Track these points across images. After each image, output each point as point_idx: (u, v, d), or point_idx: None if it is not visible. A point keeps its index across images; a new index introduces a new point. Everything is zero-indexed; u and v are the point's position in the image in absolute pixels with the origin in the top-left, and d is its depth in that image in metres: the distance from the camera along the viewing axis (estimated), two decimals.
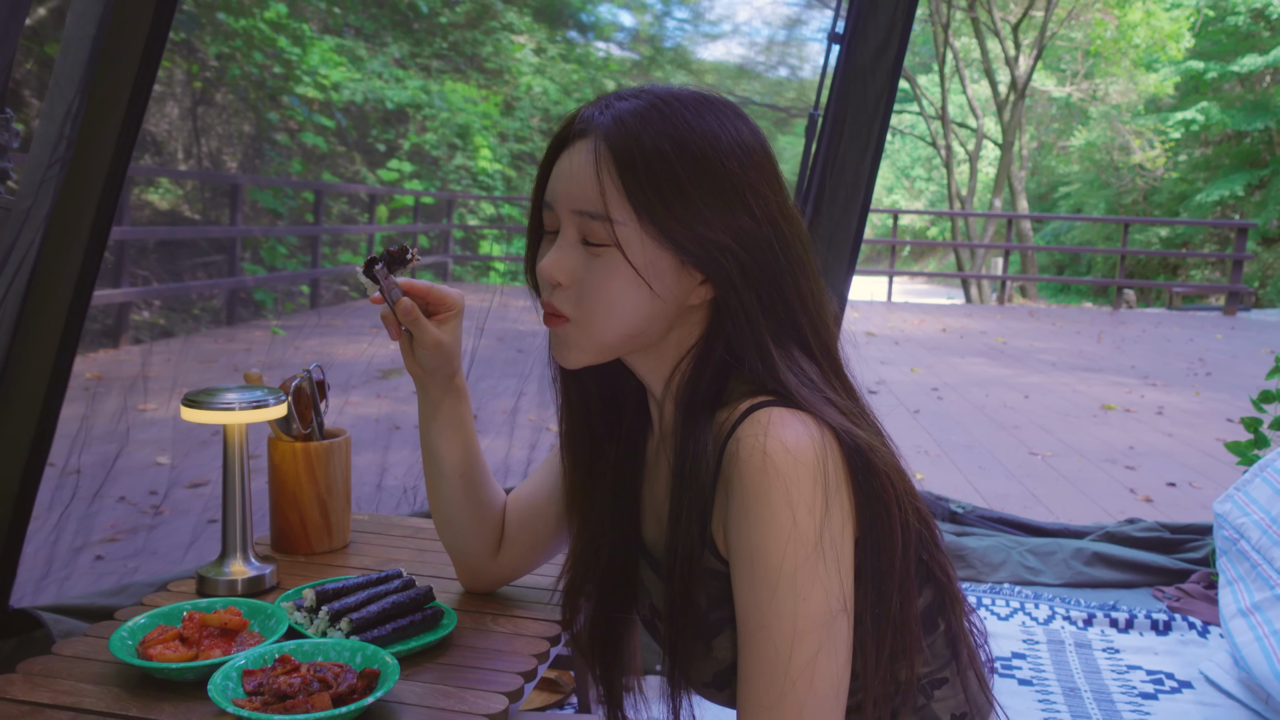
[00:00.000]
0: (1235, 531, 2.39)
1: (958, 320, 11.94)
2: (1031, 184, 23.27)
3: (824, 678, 0.83)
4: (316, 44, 12.51)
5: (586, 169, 0.89)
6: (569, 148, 0.92)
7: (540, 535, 1.19)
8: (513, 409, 5.04)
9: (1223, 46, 18.46)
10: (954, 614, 0.96)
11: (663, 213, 0.88)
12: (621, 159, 0.88)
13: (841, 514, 0.85)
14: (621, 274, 0.90)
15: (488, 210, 16.31)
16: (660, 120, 0.89)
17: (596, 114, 0.91)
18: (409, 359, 1.10)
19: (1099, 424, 5.82)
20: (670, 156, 0.88)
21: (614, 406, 1.06)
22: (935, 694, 0.96)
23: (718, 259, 0.89)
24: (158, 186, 11.24)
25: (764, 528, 0.83)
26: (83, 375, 5.52)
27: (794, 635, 0.82)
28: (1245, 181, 18.32)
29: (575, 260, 0.92)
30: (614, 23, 18.05)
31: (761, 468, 0.83)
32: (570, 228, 0.92)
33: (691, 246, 0.89)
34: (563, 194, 0.91)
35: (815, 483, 0.83)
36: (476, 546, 1.20)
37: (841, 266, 2.59)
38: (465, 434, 1.15)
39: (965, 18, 19.25)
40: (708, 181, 0.88)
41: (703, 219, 0.88)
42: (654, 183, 0.88)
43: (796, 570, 0.82)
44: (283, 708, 0.93)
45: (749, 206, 0.90)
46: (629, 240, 0.89)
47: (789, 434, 0.84)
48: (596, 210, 0.89)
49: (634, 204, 0.88)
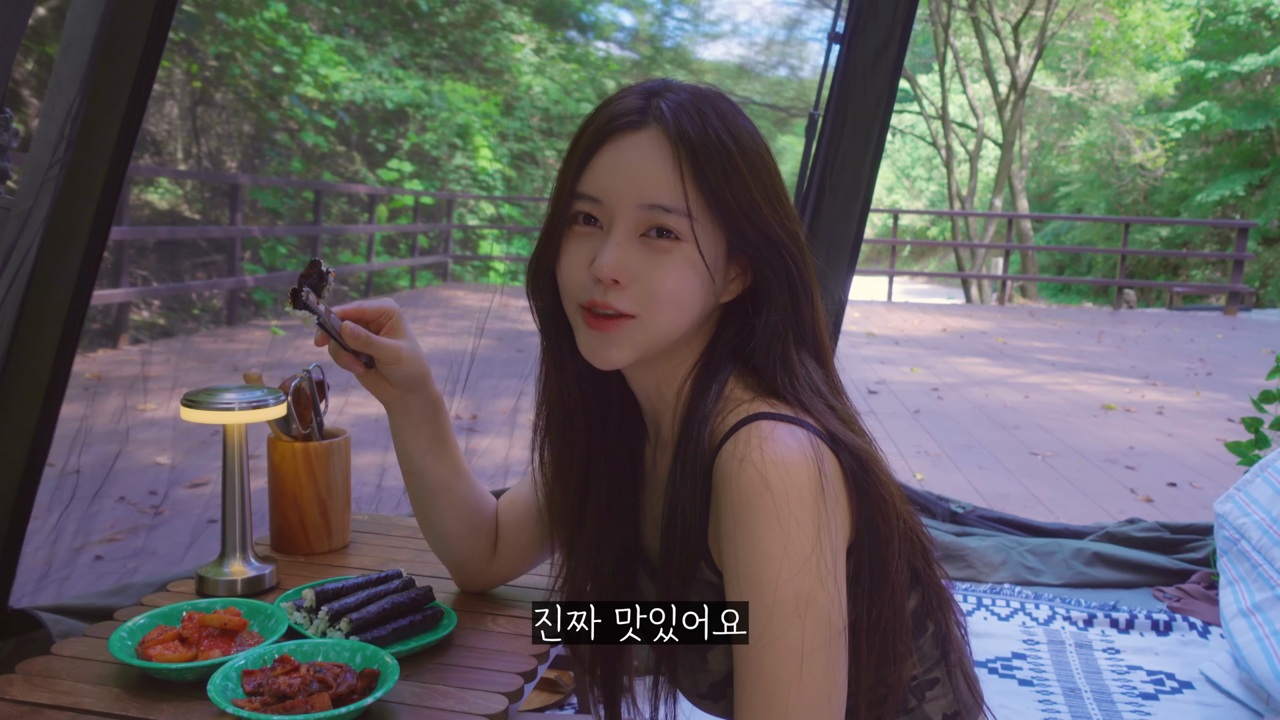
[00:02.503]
0: (1236, 532, 2.39)
1: (958, 320, 11.94)
2: (1032, 184, 23.27)
3: (824, 695, 0.82)
4: (316, 44, 12.51)
5: (660, 161, 0.87)
6: (618, 140, 0.88)
7: (537, 536, 1.18)
8: (513, 409, 5.04)
9: (1223, 46, 18.46)
10: (943, 615, 0.96)
11: (731, 204, 0.88)
12: (694, 151, 0.87)
13: (838, 527, 0.85)
14: (693, 268, 0.88)
15: (488, 210, 16.31)
16: (716, 115, 0.89)
17: (654, 106, 0.89)
18: (380, 387, 1.07)
19: (1099, 424, 5.82)
20: (732, 150, 0.88)
21: (600, 415, 1.03)
22: (927, 695, 0.96)
23: (773, 250, 0.90)
24: (157, 186, 11.24)
25: (758, 546, 0.82)
26: (83, 375, 5.53)
27: (795, 655, 0.81)
28: (1246, 181, 18.32)
29: (637, 256, 0.88)
30: (614, 22, 18.05)
31: (751, 485, 0.82)
32: (629, 222, 0.88)
33: (753, 237, 0.90)
34: (625, 188, 0.87)
35: (807, 499, 0.82)
36: (472, 554, 1.19)
37: (841, 266, 2.59)
38: (449, 446, 1.13)
39: (965, 18, 19.24)
40: (762, 176, 0.90)
41: (760, 212, 0.89)
42: (724, 175, 0.88)
43: (795, 590, 0.81)
44: (282, 708, 0.93)
45: (786, 204, 0.92)
46: (703, 234, 0.89)
47: (779, 450, 0.83)
48: (672, 204, 0.87)
49: (705, 196, 0.88)
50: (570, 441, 1.02)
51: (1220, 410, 6.30)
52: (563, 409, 1.01)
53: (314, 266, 1.02)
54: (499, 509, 1.20)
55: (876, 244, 16.49)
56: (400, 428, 1.11)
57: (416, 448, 1.11)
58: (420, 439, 1.11)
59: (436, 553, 1.21)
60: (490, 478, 3.80)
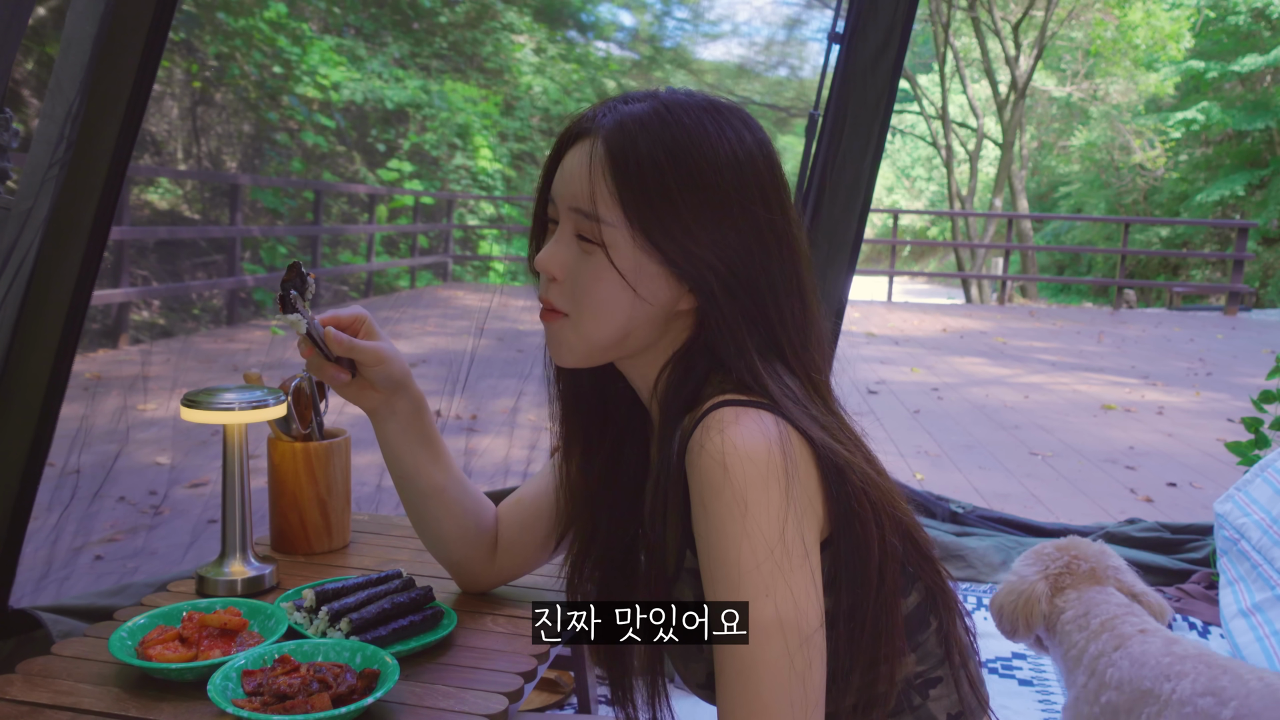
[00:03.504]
0: (1236, 532, 2.39)
1: (958, 320, 11.94)
2: (1032, 184, 23.27)
3: (798, 676, 0.83)
4: (316, 44, 12.52)
5: (583, 168, 0.91)
6: (574, 145, 0.93)
7: (542, 538, 1.18)
8: (513, 409, 5.04)
9: (1223, 46, 18.46)
10: (946, 613, 0.96)
11: (650, 221, 0.89)
12: (616, 163, 0.89)
13: (808, 514, 0.85)
14: (610, 274, 0.90)
15: (487, 210, 16.32)
16: (661, 127, 0.89)
17: (601, 115, 0.92)
18: (363, 395, 1.08)
19: (1099, 424, 5.82)
20: (664, 166, 0.88)
21: (606, 409, 1.05)
22: (930, 693, 0.96)
23: (700, 272, 0.89)
24: (157, 186, 11.25)
25: (720, 526, 0.83)
26: (83, 375, 5.52)
27: (764, 635, 0.82)
28: (1246, 181, 18.32)
29: (570, 255, 0.92)
30: (614, 22, 18.06)
31: (713, 467, 0.83)
32: (567, 224, 0.93)
33: (676, 257, 0.89)
34: (563, 190, 0.93)
35: (771, 484, 0.82)
36: (470, 554, 1.19)
37: (841, 266, 2.59)
38: (438, 446, 1.13)
39: (965, 18, 19.25)
40: (698, 194, 0.88)
41: (688, 231, 0.88)
42: (645, 191, 0.88)
43: (757, 568, 0.82)
44: (282, 708, 0.93)
45: (737, 222, 0.90)
46: (616, 243, 0.90)
47: (741, 432, 0.83)
48: (588, 210, 0.90)
49: (624, 209, 0.89)
50: (574, 436, 1.05)
51: (1220, 410, 6.30)
52: (574, 400, 1.05)
53: (294, 270, 1.02)
54: (503, 511, 1.20)
55: (876, 244, 16.49)
56: (388, 434, 1.11)
57: (406, 450, 1.12)
58: (409, 441, 1.11)
59: (434, 555, 1.21)
60: (490, 478, 3.80)
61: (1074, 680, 1.53)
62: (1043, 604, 1.60)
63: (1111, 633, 1.50)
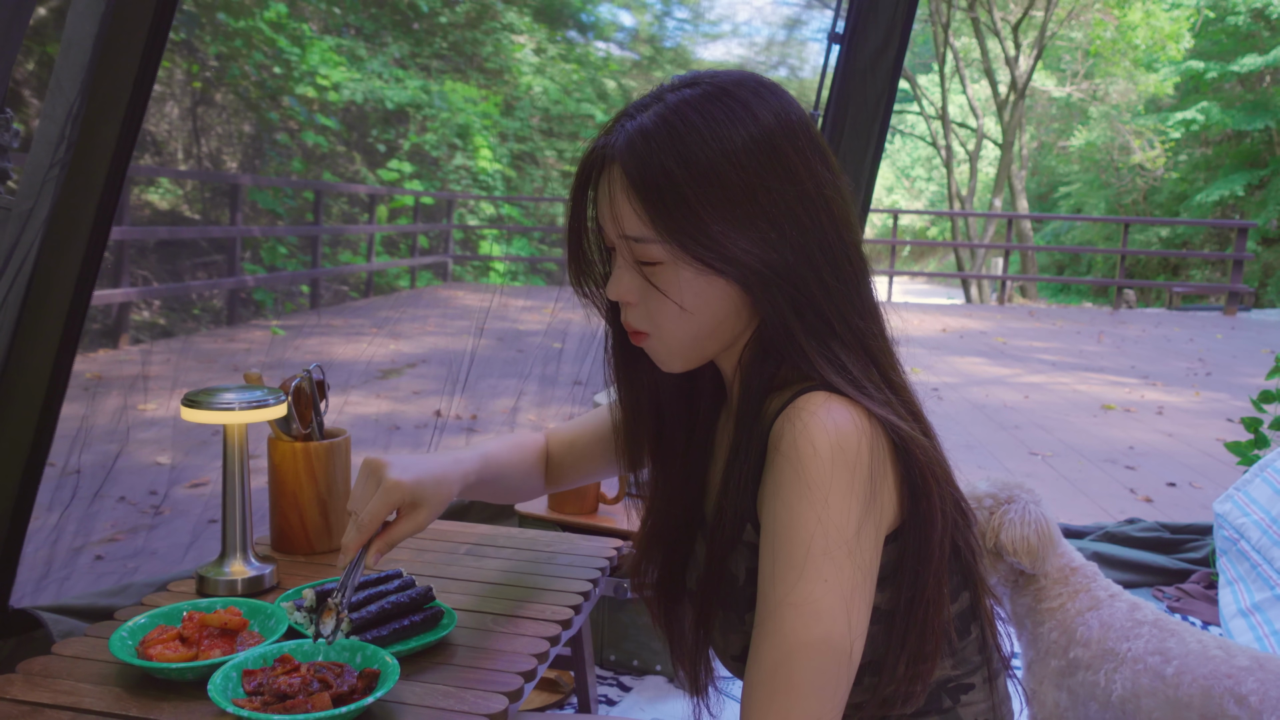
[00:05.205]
0: (1235, 531, 2.39)
1: (958, 320, 11.94)
2: (1031, 184, 23.27)
3: (836, 661, 0.83)
4: (316, 44, 12.52)
5: (620, 196, 0.92)
6: (600, 177, 0.95)
7: (588, 472, 1.29)
8: (513, 409, 5.04)
9: (1223, 46, 18.45)
10: (987, 622, 0.99)
11: (679, 232, 0.89)
12: (635, 183, 0.90)
13: (882, 507, 0.87)
14: (674, 289, 0.92)
15: (488, 210, 16.31)
16: (668, 134, 0.89)
17: (614, 137, 0.92)
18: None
19: (1099, 424, 5.82)
20: (677, 175, 0.88)
21: (687, 396, 1.07)
22: (962, 699, 0.97)
23: (738, 270, 0.90)
24: (158, 186, 11.24)
25: (796, 506, 0.84)
26: (83, 375, 5.52)
27: (814, 617, 0.83)
28: (1245, 181, 18.31)
29: (634, 279, 0.94)
30: (614, 23, 18.05)
31: (802, 449, 0.84)
32: (623, 249, 0.94)
33: (713, 261, 0.90)
34: (609, 225, 0.95)
35: (853, 472, 0.84)
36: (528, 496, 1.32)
37: None
38: (495, 483, 1.23)
39: (965, 18, 19.25)
40: (715, 196, 0.88)
41: (717, 234, 0.89)
42: (665, 204, 0.89)
43: (826, 553, 0.83)
44: (283, 708, 0.93)
45: (764, 209, 0.89)
46: (661, 258, 0.92)
47: (834, 419, 0.85)
48: (636, 233, 0.91)
49: (654, 226, 0.90)
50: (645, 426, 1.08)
51: (1220, 410, 6.30)
52: (637, 401, 1.08)
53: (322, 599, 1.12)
54: (553, 445, 1.29)
55: (876, 244, 16.47)
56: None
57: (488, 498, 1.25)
58: (478, 495, 1.23)
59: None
60: None
61: (1041, 634, 1.71)
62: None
63: (1087, 593, 1.70)
